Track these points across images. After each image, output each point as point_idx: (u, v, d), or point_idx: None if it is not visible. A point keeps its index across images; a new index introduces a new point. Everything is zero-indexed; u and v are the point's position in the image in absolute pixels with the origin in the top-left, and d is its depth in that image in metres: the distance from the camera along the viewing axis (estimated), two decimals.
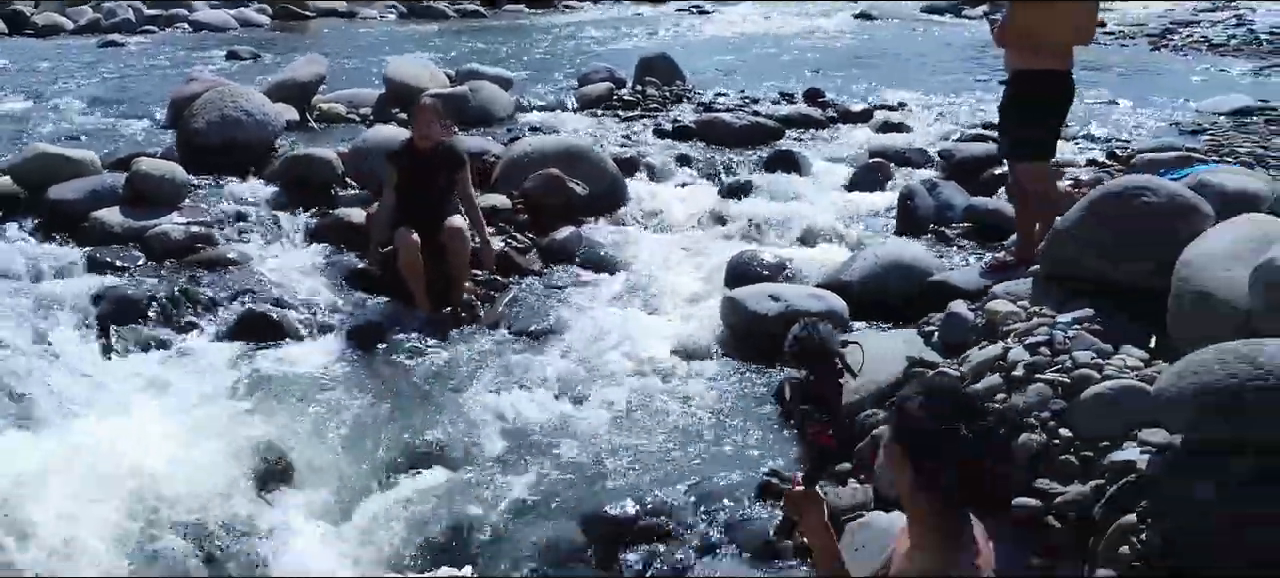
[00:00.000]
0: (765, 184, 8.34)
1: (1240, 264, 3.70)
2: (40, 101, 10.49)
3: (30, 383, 5.20)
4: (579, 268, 7.00)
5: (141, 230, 6.75)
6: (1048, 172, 5.99)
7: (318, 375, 5.55)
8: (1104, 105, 11.32)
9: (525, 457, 4.75)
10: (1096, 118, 10.47)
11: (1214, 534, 3.08)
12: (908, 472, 2.16)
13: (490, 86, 10.29)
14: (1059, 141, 6.31)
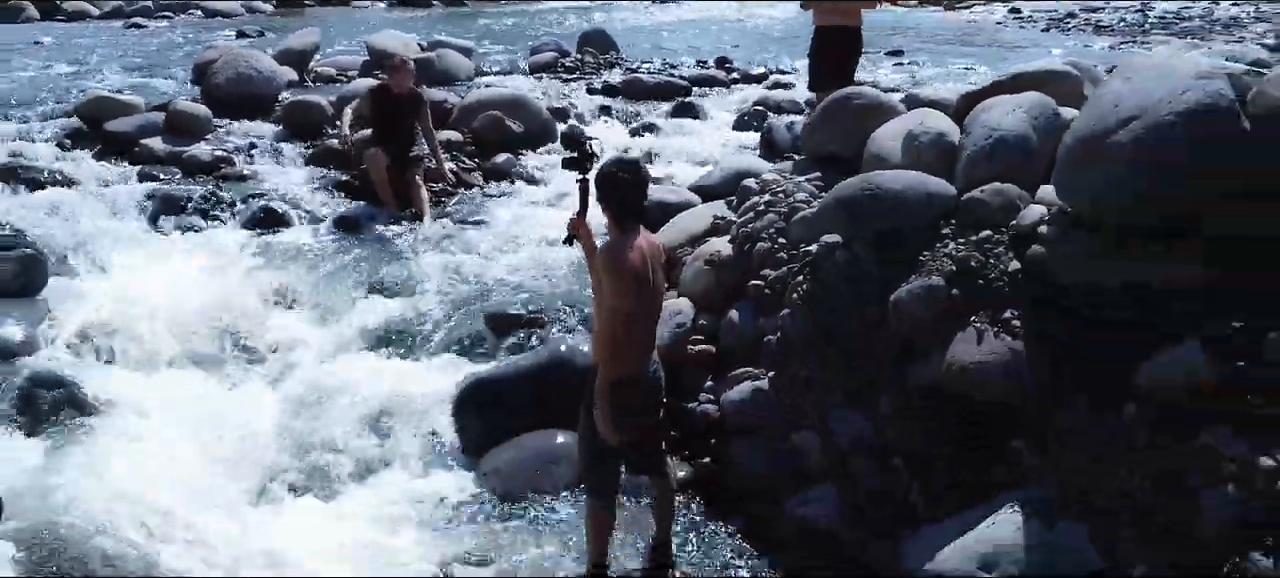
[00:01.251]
0: (667, 126, 10.29)
1: (899, 139, 5.66)
2: (84, 67, 12.40)
3: (108, 247, 7.16)
4: (509, 183, 8.96)
5: (179, 154, 8.70)
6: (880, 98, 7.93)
7: (310, 246, 7.52)
8: (962, 69, 13.25)
9: (453, 286, 6.74)
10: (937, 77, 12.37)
11: (845, 283, 5.04)
12: (604, 203, 4.11)
13: (454, 54, 12.23)
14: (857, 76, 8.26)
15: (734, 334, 5.47)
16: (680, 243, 6.33)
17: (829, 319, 5.03)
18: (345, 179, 8.64)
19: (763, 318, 5.37)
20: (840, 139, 6.12)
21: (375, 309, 6.56)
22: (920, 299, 4.71)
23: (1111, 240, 4.34)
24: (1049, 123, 5.00)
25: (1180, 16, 21.55)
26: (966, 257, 4.73)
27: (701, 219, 6.56)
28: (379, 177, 8.25)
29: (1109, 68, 6.52)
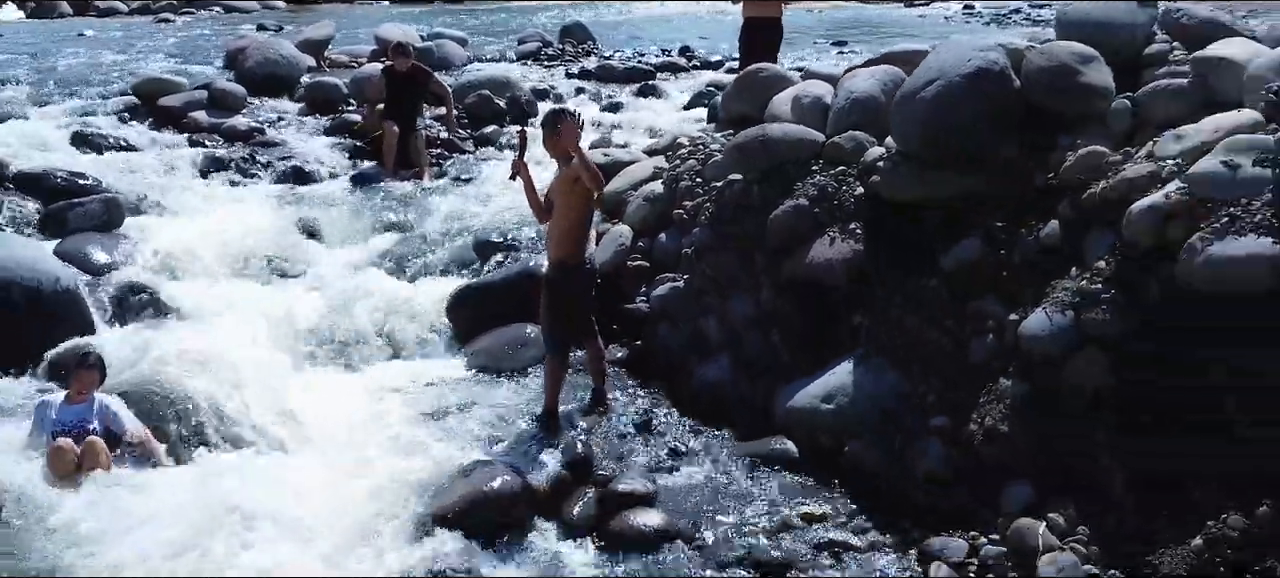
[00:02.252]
0: (632, 104, 11.77)
1: (789, 102, 7.13)
2: (129, 55, 13.84)
3: (169, 196, 8.64)
4: (495, 149, 10.43)
5: (219, 124, 10.15)
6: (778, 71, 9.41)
7: (332, 195, 9.01)
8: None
9: (448, 223, 8.27)
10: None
11: (738, 207, 6.52)
12: (549, 138, 5.61)
13: (450, 43, 13.68)
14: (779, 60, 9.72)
15: (662, 250, 6.96)
16: (626, 187, 7.79)
17: (726, 233, 6.52)
18: (359, 145, 10.10)
19: (682, 237, 6.86)
20: (749, 103, 7.57)
21: (386, 240, 8.07)
22: (791, 216, 6.20)
23: (924, 167, 5.82)
24: (895, 87, 6.46)
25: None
26: (825, 184, 6.22)
27: (644, 170, 8.02)
28: (389, 143, 9.72)
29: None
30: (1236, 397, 4.28)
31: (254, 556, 4.69)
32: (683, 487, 5.29)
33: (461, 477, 5.10)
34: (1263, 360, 4.21)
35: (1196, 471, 4.33)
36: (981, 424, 5.04)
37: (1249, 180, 4.54)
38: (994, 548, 4.65)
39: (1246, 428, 4.24)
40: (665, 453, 5.60)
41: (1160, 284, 4.64)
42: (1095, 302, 4.81)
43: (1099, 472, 4.63)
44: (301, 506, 5.08)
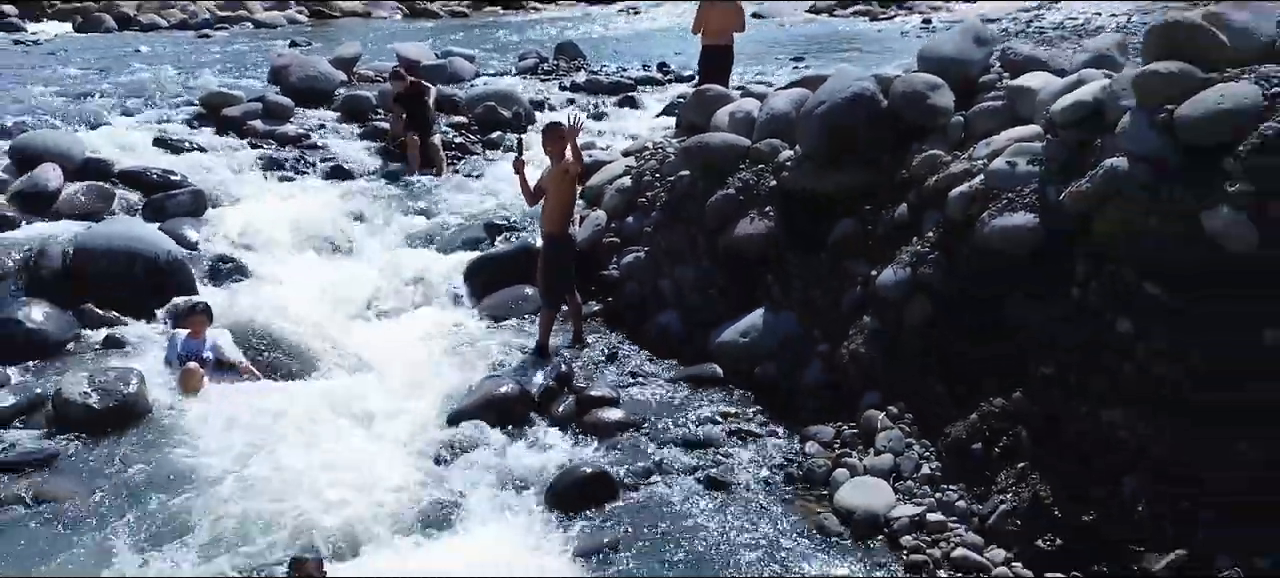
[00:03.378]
0: (614, 112, 13.59)
1: (727, 115, 8.94)
2: (183, 69, 15.63)
3: (238, 189, 10.45)
4: (500, 151, 12.24)
5: (273, 130, 11.95)
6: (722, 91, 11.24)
7: (368, 189, 10.81)
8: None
9: (463, 210, 10.08)
10: None
11: (685, 197, 8.34)
12: (547, 141, 7.44)
13: (461, 60, 15.48)
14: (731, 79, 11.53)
15: (628, 229, 8.79)
16: (603, 182, 9.62)
17: (677, 215, 8.37)
18: (388, 149, 11.90)
19: (644, 219, 8.70)
20: (700, 116, 9.39)
21: (414, 223, 9.90)
22: (723, 203, 8.04)
23: (822, 165, 7.66)
24: (801, 104, 8.28)
25: (1061, 25, 24.52)
26: (749, 178, 8.06)
27: (618, 168, 9.85)
28: (412, 148, 11.52)
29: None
30: (1012, 320, 6.13)
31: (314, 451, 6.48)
32: (638, 396, 7.14)
33: (479, 386, 6.95)
34: (1028, 294, 6.05)
35: (985, 372, 6.17)
36: (848, 350, 6.89)
37: (1023, 175, 6.37)
38: (849, 430, 6.51)
39: (1020, 339, 6.08)
40: (627, 374, 7.45)
41: (966, 248, 6.49)
42: (925, 261, 6.66)
43: (924, 379, 6.48)
44: (363, 410, 6.92)
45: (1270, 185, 5.16)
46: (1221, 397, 5.05)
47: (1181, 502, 5.09)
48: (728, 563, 5.37)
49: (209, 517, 5.66)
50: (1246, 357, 5.02)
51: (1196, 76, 5.70)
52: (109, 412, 6.61)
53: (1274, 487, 4.82)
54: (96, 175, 9.86)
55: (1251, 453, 4.91)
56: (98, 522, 5.71)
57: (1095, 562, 5.22)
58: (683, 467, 6.28)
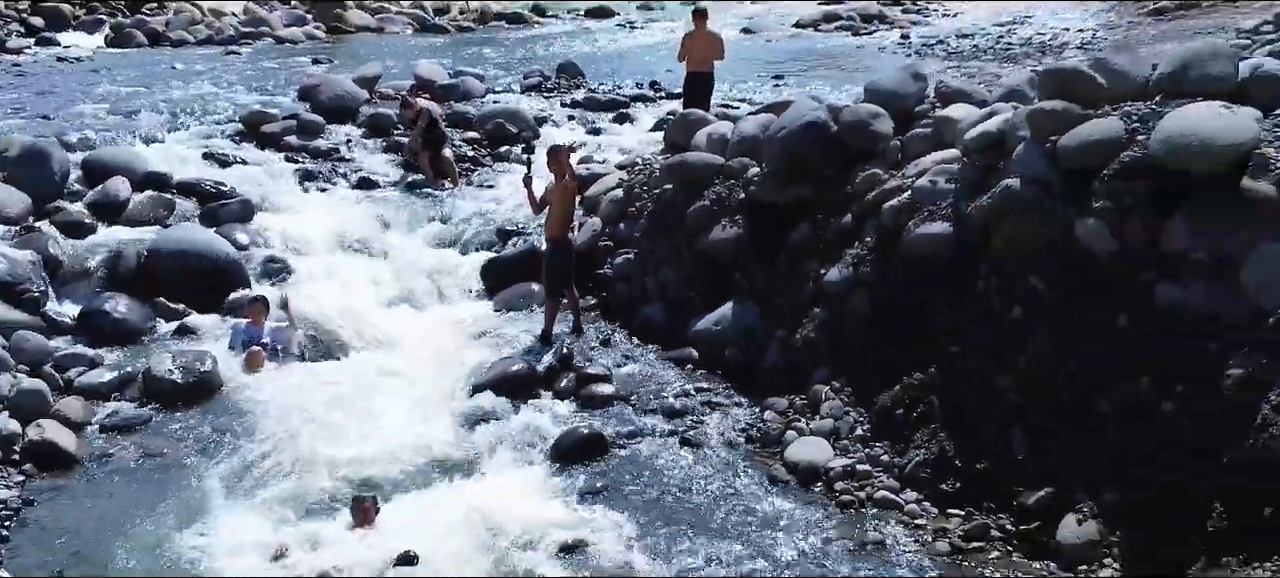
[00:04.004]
0: (609, 128, 14.83)
1: (705, 136, 10.20)
2: (218, 86, 16.86)
3: (280, 198, 11.70)
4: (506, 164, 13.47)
5: (307, 145, 13.16)
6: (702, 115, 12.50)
7: (392, 198, 12.05)
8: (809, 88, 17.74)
9: (476, 217, 11.31)
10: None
11: (667, 207, 9.60)
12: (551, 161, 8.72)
13: (472, 80, 16.72)
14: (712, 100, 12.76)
15: (620, 235, 10.04)
16: (599, 193, 10.87)
17: (661, 224, 9.64)
18: (408, 162, 13.14)
19: (634, 226, 9.96)
20: (682, 136, 10.63)
21: (433, 228, 11.16)
22: (700, 213, 9.29)
23: (782, 181, 8.91)
24: (766, 128, 9.53)
25: (1029, 41, 25.73)
26: (722, 191, 9.31)
27: (612, 181, 11.06)
28: (425, 164, 12.75)
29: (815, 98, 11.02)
30: (930, 310, 7.39)
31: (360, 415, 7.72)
32: (627, 374, 8.39)
33: (495, 365, 8.22)
34: (945, 292, 7.32)
35: (908, 352, 7.43)
36: (801, 337, 8.16)
37: (942, 191, 7.64)
38: (800, 401, 7.78)
39: (935, 325, 7.34)
40: (618, 356, 8.72)
41: (896, 252, 7.75)
42: (864, 262, 7.93)
43: (861, 359, 7.74)
44: (399, 384, 8.20)
45: (1125, 203, 6.44)
46: (1085, 366, 6.33)
47: (1058, 452, 6.37)
48: (697, 503, 6.63)
49: (280, 468, 6.94)
50: (1105, 337, 6.29)
51: (1076, 112, 6.98)
52: (190, 386, 7.88)
53: (1121, 434, 6.10)
54: (157, 186, 11.09)
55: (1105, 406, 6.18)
56: (189, 472, 6.98)
57: (985, 500, 6.51)
58: (663, 430, 7.54)
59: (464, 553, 5.95)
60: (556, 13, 32.04)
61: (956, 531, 6.35)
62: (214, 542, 6.19)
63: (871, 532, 6.32)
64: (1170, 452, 5.85)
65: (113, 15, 28.60)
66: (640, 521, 6.41)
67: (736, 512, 6.56)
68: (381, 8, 29.48)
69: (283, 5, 28.78)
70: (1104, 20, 28.30)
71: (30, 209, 10.11)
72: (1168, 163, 6.30)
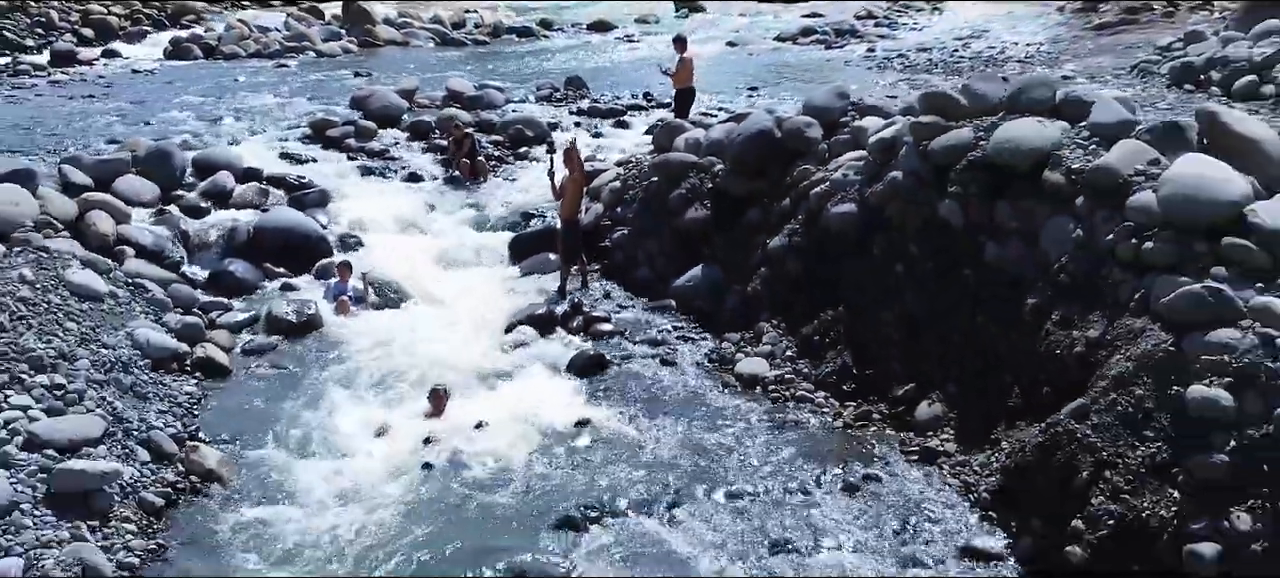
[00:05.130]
0: (610, 132, 17.30)
1: (685, 139, 12.67)
2: (279, 96, 19.29)
3: (346, 189, 14.15)
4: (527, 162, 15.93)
5: (363, 146, 15.61)
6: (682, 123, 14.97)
7: (436, 189, 14.51)
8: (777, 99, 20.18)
9: (505, 204, 13.79)
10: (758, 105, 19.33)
11: (653, 195, 12.09)
12: (566, 159, 11.20)
13: (494, 91, 19.17)
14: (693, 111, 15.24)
15: (618, 216, 12.52)
16: (602, 184, 13.33)
17: (648, 207, 12.13)
18: (446, 161, 15.58)
19: (628, 208, 12.45)
20: (666, 140, 13.09)
21: (469, 212, 13.62)
22: (678, 199, 11.77)
23: (739, 175, 11.39)
24: (729, 133, 12.00)
25: (979, 55, 27.74)
26: (696, 182, 11.78)
27: (611, 175, 13.50)
28: (463, 166, 15.21)
29: (767, 110, 13.44)
30: (842, 266, 9.88)
31: (428, 343, 10.21)
32: (622, 317, 10.86)
33: (523, 310, 10.72)
34: (851, 254, 9.80)
35: (825, 297, 9.90)
36: (751, 289, 10.64)
37: (852, 181, 10.11)
38: (749, 335, 10.24)
39: (844, 276, 9.82)
40: (615, 305, 11.19)
41: (819, 227, 10.23)
42: (797, 234, 10.42)
43: (792, 303, 10.22)
44: (451, 322, 10.68)
45: (970, 190, 8.90)
46: (941, 303, 8.83)
47: (920, 361, 8.86)
48: (670, 400, 9.11)
49: (372, 376, 9.43)
50: (955, 283, 8.78)
51: (942, 124, 9.45)
52: (301, 323, 10.37)
53: (960, 347, 8.59)
54: (253, 178, 13.55)
55: (951, 328, 8.67)
56: (308, 380, 9.46)
57: (870, 394, 8.99)
58: (647, 354, 10.03)
59: (512, 424, 8.43)
60: (561, 27, 34.20)
61: (849, 415, 8.84)
62: (334, 421, 8.67)
63: (791, 416, 8.81)
64: (990, 357, 8.35)
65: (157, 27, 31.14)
66: (630, 410, 8.90)
67: (698, 406, 9.04)
68: (406, 22, 31.87)
69: (318, 22, 31.19)
70: (1054, 33, 30.13)
71: (159, 196, 12.53)
72: (997, 161, 8.77)
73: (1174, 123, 8.50)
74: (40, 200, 10.99)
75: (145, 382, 8.51)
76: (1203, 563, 6.20)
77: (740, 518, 7.29)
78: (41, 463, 6.92)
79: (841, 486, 7.69)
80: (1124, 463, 6.75)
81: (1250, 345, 6.62)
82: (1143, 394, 6.89)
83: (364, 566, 6.69)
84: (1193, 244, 7.35)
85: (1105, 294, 7.68)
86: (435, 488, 7.67)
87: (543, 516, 7.26)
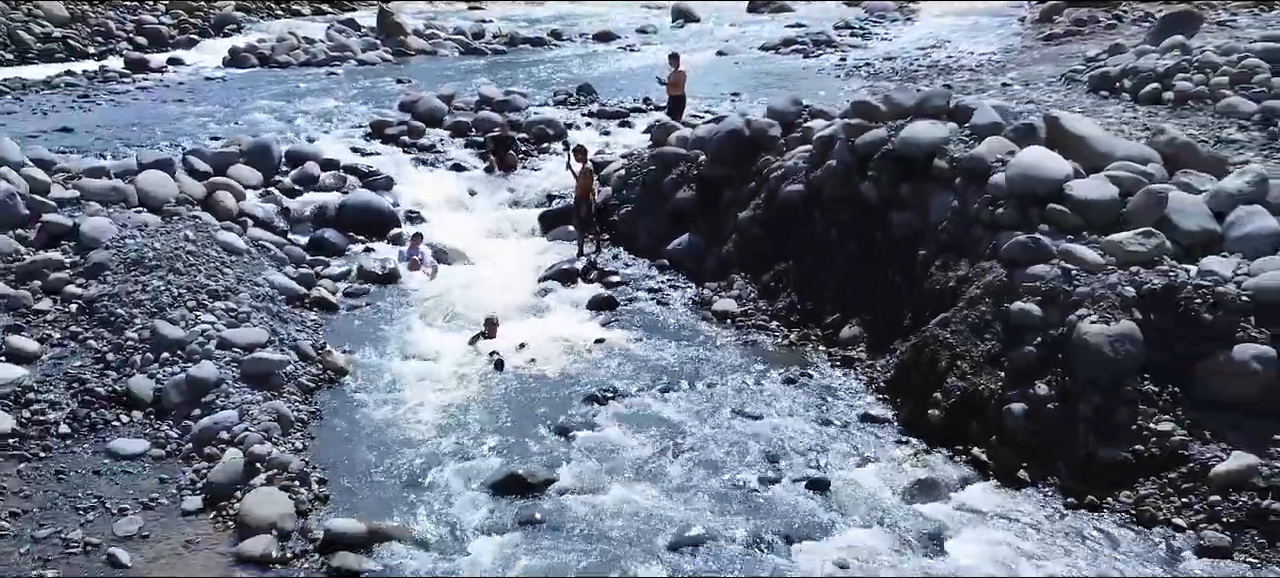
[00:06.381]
0: (616, 131, 20.09)
1: (674, 137, 15.47)
2: (338, 100, 22.06)
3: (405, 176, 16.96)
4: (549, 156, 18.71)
5: (416, 141, 18.40)
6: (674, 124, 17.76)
7: (475, 177, 17.29)
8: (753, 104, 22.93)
9: (531, 188, 16.59)
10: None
11: (649, 180, 14.92)
12: (576, 155, 14.04)
13: (518, 96, 21.95)
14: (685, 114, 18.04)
15: (623, 196, 15.34)
16: (610, 172, 16.13)
17: (647, 190, 14.96)
18: (483, 155, 18.36)
19: (631, 191, 15.27)
20: (661, 136, 15.89)
21: (504, 195, 16.42)
22: (670, 183, 14.61)
23: (717, 164, 14.21)
24: (714, 133, 14.80)
25: (935, 64, 30.00)
26: (684, 170, 14.61)
27: (618, 165, 16.34)
28: (497, 161, 17.97)
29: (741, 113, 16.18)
30: (792, 231, 12.70)
31: (480, 290, 13.04)
32: (628, 273, 13.67)
33: (551, 267, 13.57)
34: (798, 224, 12.63)
35: (780, 257, 12.73)
36: (727, 251, 13.46)
37: (800, 168, 12.93)
38: (722, 284, 13.08)
39: (794, 240, 12.64)
40: (622, 264, 14.03)
41: (776, 203, 13.05)
42: (760, 208, 13.24)
43: (758, 260, 13.04)
44: (495, 276, 13.52)
45: (889, 177, 11.70)
46: (861, 259, 11.67)
47: (845, 298, 11.69)
48: (664, 328, 11.94)
49: (442, 312, 12.28)
50: (871, 244, 11.62)
51: (866, 125, 12.27)
52: (384, 276, 13.21)
53: (873, 289, 11.44)
54: (332, 167, 16.34)
55: (867, 274, 11.52)
56: (395, 314, 12.31)
57: (811, 323, 11.81)
58: (646, 298, 12.86)
59: (547, 343, 11.28)
60: (570, 37, 36.85)
61: (794, 337, 11.68)
62: (418, 339, 11.53)
63: (752, 338, 11.66)
64: (892, 294, 11.18)
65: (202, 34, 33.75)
66: (634, 333, 11.75)
67: (684, 332, 11.88)
68: (434, 33, 34.61)
69: (356, 33, 33.94)
70: (1008, 43, 32.21)
71: (263, 181, 15.34)
72: (902, 153, 11.59)
73: (1028, 124, 11.32)
74: (177, 183, 13.78)
75: (284, 310, 11.34)
76: (1013, 417, 9.04)
77: (712, 398, 10.13)
78: (232, 356, 9.77)
79: (784, 379, 10.53)
80: (969, 356, 9.59)
81: (1055, 276, 9.43)
82: (984, 310, 9.72)
83: (451, 423, 9.53)
84: (1028, 210, 10.17)
85: (969, 247, 10.51)
86: (495, 380, 10.52)
87: (573, 395, 10.12)
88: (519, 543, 7.65)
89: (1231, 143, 13.47)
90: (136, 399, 9.34)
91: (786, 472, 8.72)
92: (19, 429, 8.86)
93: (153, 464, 8.61)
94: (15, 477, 8.31)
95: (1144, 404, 8.62)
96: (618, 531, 7.83)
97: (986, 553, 7.74)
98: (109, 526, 7.73)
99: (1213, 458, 8.21)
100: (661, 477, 8.62)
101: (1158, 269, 9.19)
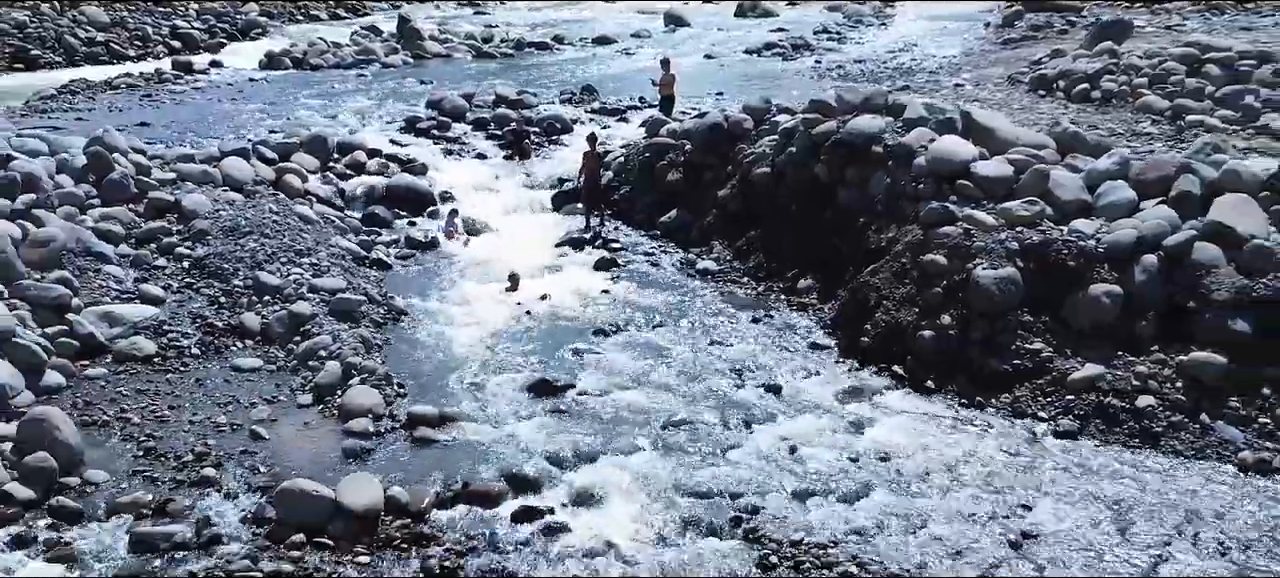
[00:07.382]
0: (614, 125, 22.44)
1: (665, 129, 17.85)
2: (372, 99, 24.35)
3: (438, 165, 19.32)
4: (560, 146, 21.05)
5: (443, 134, 20.72)
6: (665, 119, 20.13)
7: (497, 164, 19.65)
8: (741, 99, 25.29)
9: (547, 173, 18.96)
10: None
11: (646, 166, 17.32)
12: (586, 144, 16.42)
13: (530, 95, 24.30)
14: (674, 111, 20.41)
15: (623, 179, 17.73)
16: (612, 158, 18.50)
17: (643, 174, 17.35)
18: (503, 146, 20.67)
19: (630, 175, 17.66)
20: (654, 130, 18.27)
21: (522, 178, 18.78)
22: (661, 168, 17.00)
23: (701, 152, 16.60)
24: (698, 126, 17.17)
25: (900, 66, 32.06)
26: (674, 157, 17.02)
27: (619, 152, 18.71)
28: (516, 151, 20.31)
29: (721, 110, 18.57)
30: (760, 207, 15.10)
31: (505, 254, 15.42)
32: (627, 241, 16.08)
33: (564, 236, 15.98)
34: (766, 200, 15.03)
35: (751, 226, 15.13)
36: (708, 223, 15.87)
37: (769, 153, 15.33)
38: (705, 249, 15.50)
39: (762, 211, 15.03)
40: (622, 235, 16.44)
41: (748, 183, 15.45)
42: (735, 188, 15.65)
43: (736, 230, 15.45)
44: (515, 244, 15.92)
45: (837, 161, 14.10)
46: (814, 227, 14.09)
47: (802, 259, 14.10)
48: (658, 281, 14.35)
49: (476, 271, 14.67)
50: (822, 216, 14.05)
51: (820, 118, 14.68)
52: (427, 244, 15.62)
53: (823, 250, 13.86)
54: (376, 155, 18.67)
55: (821, 240, 13.95)
56: (439, 271, 14.70)
57: (775, 279, 14.22)
58: (642, 261, 15.26)
59: (564, 294, 13.68)
60: (572, 41, 39.08)
61: (761, 289, 14.11)
62: (459, 289, 13.92)
63: (727, 290, 14.08)
64: (839, 254, 13.59)
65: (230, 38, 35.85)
66: (632, 286, 14.16)
67: (674, 284, 14.28)
68: (448, 38, 36.87)
69: (378, 38, 36.19)
70: (970, 47, 34.19)
71: (319, 166, 17.68)
72: (848, 141, 14.00)
73: (949, 117, 13.74)
74: (252, 167, 16.14)
75: (352, 267, 13.73)
76: (924, 341, 11.46)
77: (695, 332, 12.55)
78: (320, 298, 12.17)
79: (751, 319, 12.95)
80: (893, 296, 12.01)
81: (959, 235, 11.85)
82: (906, 261, 12.14)
83: (492, 347, 11.94)
84: (942, 185, 12.58)
85: (897, 214, 12.92)
86: (523, 321, 12.92)
87: (585, 329, 12.54)
88: (549, 424, 10.06)
89: (1144, 135, 15.95)
90: (248, 331, 11.72)
91: (749, 381, 11.14)
92: (161, 351, 11.22)
93: (268, 375, 10.99)
94: (166, 384, 10.69)
95: (1022, 330, 11.03)
96: (622, 416, 10.24)
97: (897, 435, 10.15)
98: (245, 414, 10.11)
99: (1070, 368, 10.62)
100: (654, 383, 11.03)
101: (1037, 229, 11.59)
